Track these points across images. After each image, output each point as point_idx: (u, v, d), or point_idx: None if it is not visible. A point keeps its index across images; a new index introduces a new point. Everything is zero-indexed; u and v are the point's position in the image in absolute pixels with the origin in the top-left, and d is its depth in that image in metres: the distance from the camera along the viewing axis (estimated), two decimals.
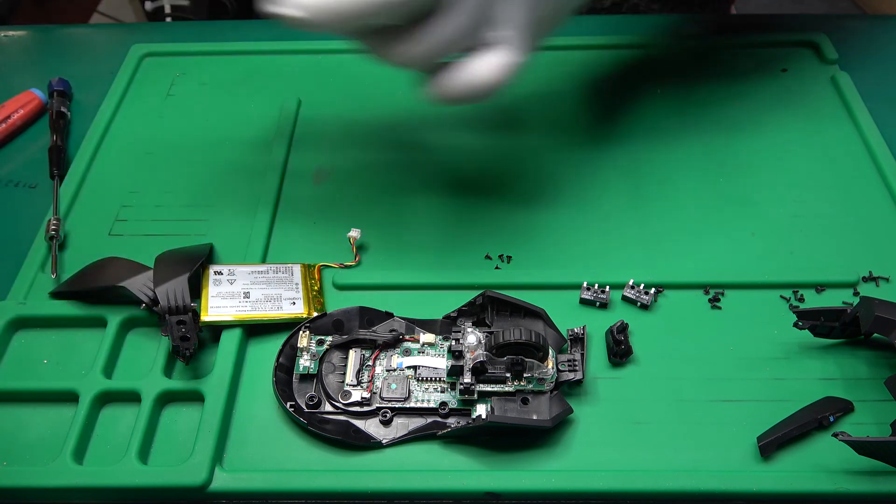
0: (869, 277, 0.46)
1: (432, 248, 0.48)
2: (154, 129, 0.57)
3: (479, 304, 0.43)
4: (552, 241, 0.49)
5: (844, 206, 0.50)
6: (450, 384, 0.41)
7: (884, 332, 0.39)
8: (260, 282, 0.45)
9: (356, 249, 0.48)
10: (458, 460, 0.39)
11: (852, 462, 0.38)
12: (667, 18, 0.66)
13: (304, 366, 0.41)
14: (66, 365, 0.43)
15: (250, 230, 0.49)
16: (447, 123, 0.56)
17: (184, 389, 0.41)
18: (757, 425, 0.39)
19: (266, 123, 0.57)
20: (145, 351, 0.44)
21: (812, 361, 0.43)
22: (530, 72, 0.59)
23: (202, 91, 0.60)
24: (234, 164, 0.54)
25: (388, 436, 0.40)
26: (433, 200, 0.51)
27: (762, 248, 0.48)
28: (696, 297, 0.46)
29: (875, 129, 0.54)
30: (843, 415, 0.40)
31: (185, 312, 0.41)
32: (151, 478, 0.38)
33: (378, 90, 0.59)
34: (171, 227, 0.50)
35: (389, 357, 0.42)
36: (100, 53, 0.65)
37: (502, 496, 0.38)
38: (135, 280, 0.43)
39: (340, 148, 0.55)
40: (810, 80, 0.59)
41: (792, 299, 0.45)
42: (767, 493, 0.37)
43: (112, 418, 0.41)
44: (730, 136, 0.55)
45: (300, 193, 0.52)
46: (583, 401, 0.41)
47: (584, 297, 0.45)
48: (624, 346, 0.42)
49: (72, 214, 0.51)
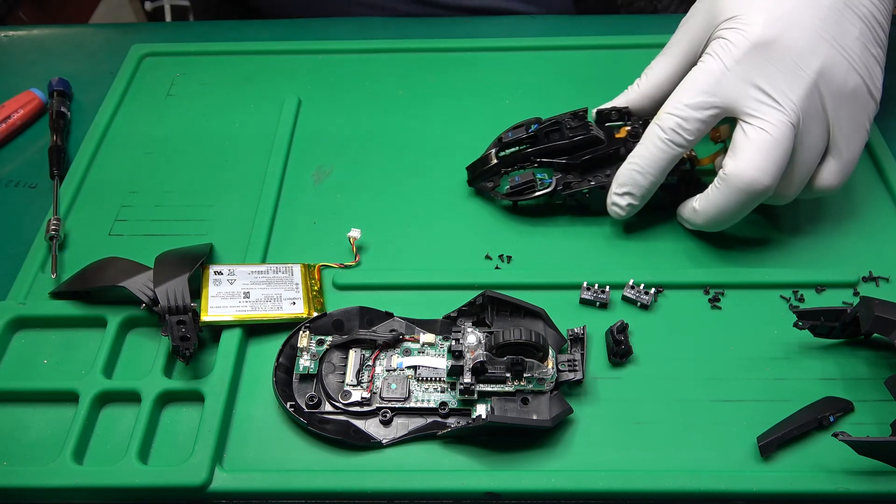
0: (869, 277, 0.46)
1: (432, 248, 0.48)
2: (154, 129, 0.57)
3: (479, 304, 0.43)
4: (552, 241, 0.49)
5: (844, 206, 0.50)
6: (450, 384, 0.41)
7: (884, 332, 0.39)
8: (260, 282, 0.45)
9: (356, 249, 0.48)
10: (458, 460, 0.39)
11: (852, 462, 0.38)
12: (667, 18, 0.66)
13: (304, 366, 0.41)
14: (66, 365, 0.43)
15: (250, 230, 0.49)
16: (447, 123, 0.56)
17: (184, 389, 0.41)
18: (757, 425, 0.39)
19: (266, 123, 0.57)
20: (145, 351, 0.44)
21: (812, 361, 0.43)
22: (531, 71, 0.60)
23: (202, 91, 0.60)
24: (234, 164, 0.54)
25: (388, 436, 0.40)
26: (433, 200, 0.51)
27: (762, 248, 0.48)
28: (696, 297, 0.46)
29: (875, 129, 0.54)
30: (843, 415, 0.40)
31: (185, 312, 0.41)
32: (151, 478, 0.38)
33: (378, 90, 0.59)
34: (171, 227, 0.50)
35: (389, 357, 0.42)
36: (100, 53, 0.65)
37: (502, 496, 0.38)
38: (135, 280, 0.43)
39: (340, 148, 0.55)
40: None
41: (792, 299, 0.45)
42: (767, 493, 0.37)
43: (112, 418, 0.41)
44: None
45: (300, 193, 0.52)
46: (583, 401, 0.41)
47: (584, 297, 0.45)
48: (624, 346, 0.42)
49: (72, 214, 0.51)
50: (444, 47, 0.63)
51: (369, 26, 0.66)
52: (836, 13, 0.42)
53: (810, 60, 0.42)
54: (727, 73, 0.42)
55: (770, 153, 0.41)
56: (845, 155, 0.44)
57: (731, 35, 0.43)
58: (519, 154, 0.50)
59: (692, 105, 0.43)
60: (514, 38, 0.62)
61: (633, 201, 0.46)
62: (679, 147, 0.43)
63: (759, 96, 0.42)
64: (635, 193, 0.46)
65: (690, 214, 0.46)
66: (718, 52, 0.43)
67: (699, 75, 0.43)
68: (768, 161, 0.41)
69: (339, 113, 0.58)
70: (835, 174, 0.45)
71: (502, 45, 0.62)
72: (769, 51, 0.42)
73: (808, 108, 0.42)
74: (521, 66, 0.60)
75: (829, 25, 0.42)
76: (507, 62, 0.61)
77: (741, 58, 0.42)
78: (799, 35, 0.42)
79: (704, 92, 0.42)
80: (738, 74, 0.42)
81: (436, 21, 0.66)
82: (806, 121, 0.42)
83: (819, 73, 0.42)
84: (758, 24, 0.42)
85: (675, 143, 0.43)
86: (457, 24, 0.66)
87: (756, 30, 0.42)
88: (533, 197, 0.48)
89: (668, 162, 0.44)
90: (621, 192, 0.46)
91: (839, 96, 0.42)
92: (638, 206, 0.47)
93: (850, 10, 0.43)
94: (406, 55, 0.62)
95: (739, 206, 0.43)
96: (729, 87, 0.42)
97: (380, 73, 0.61)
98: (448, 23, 0.66)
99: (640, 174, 0.45)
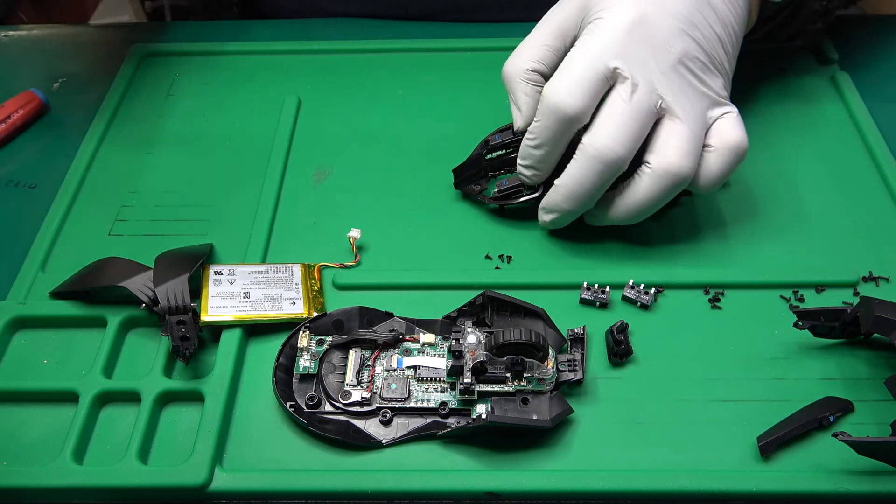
0: (869, 277, 0.46)
1: (432, 248, 0.48)
2: (154, 129, 0.57)
3: (479, 304, 0.43)
4: (552, 241, 0.49)
5: (844, 206, 0.50)
6: (450, 384, 0.41)
7: (884, 332, 0.39)
8: (260, 282, 0.45)
9: (356, 249, 0.48)
10: (458, 460, 0.39)
11: (852, 462, 0.38)
12: None
13: (304, 366, 0.41)
14: (66, 365, 0.43)
15: (250, 230, 0.49)
16: (447, 123, 0.57)
17: (184, 389, 0.41)
18: (757, 425, 0.39)
19: (266, 123, 0.57)
20: (145, 351, 0.44)
21: (812, 361, 0.43)
22: None
23: (202, 91, 0.60)
24: (234, 164, 0.54)
25: (388, 436, 0.40)
26: (433, 200, 0.51)
27: (762, 248, 0.48)
28: (696, 297, 0.46)
29: (875, 129, 0.55)
30: (843, 415, 0.40)
31: (185, 312, 0.41)
32: (151, 478, 0.38)
33: (378, 90, 0.60)
34: (171, 227, 0.50)
35: (389, 357, 0.42)
36: (100, 53, 0.65)
37: (502, 496, 0.38)
38: (135, 280, 0.43)
39: (340, 148, 0.55)
40: (810, 80, 0.59)
41: (792, 299, 0.45)
42: (767, 493, 0.37)
43: (112, 418, 0.41)
44: None
45: (300, 193, 0.52)
46: (583, 401, 0.41)
47: (584, 297, 0.45)
48: (624, 346, 0.42)
49: (72, 214, 0.51)
50: (444, 47, 0.63)
51: (369, 26, 0.66)
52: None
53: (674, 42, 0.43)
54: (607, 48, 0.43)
55: (625, 124, 0.42)
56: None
57: (606, 15, 0.43)
58: (505, 157, 0.50)
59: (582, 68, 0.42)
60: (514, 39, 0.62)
61: (561, 221, 0.47)
62: (613, 171, 0.43)
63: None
64: (562, 215, 0.46)
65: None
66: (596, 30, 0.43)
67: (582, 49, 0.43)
68: (622, 131, 0.42)
69: (339, 113, 0.58)
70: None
71: (502, 45, 0.62)
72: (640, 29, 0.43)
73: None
74: None
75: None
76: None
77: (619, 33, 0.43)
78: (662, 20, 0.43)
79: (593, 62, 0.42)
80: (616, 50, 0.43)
81: (435, 21, 0.66)
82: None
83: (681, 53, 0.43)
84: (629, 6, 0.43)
85: (610, 168, 0.43)
86: (457, 25, 0.66)
87: (628, 10, 0.43)
88: (519, 202, 0.49)
89: (602, 188, 0.44)
90: (548, 220, 0.47)
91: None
92: (571, 219, 0.46)
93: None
94: (406, 55, 0.62)
95: (597, 178, 0.43)
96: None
97: (380, 73, 0.61)
98: (448, 23, 0.66)
99: (572, 199, 0.44)
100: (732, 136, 0.44)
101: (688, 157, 0.43)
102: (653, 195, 0.44)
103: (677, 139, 0.43)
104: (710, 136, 0.45)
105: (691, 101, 0.44)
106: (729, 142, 0.44)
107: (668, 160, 0.43)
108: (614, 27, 0.43)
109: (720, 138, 0.44)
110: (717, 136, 0.44)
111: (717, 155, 0.44)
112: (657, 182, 0.43)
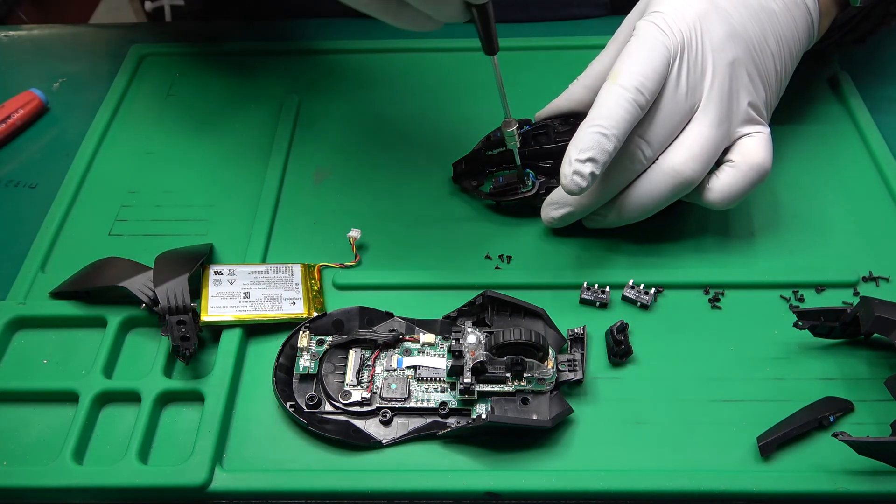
0: (869, 277, 0.46)
1: (432, 248, 0.48)
2: (154, 129, 0.57)
3: (479, 304, 0.43)
4: (552, 241, 0.49)
5: (844, 206, 0.50)
6: (450, 384, 0.41)
7: (884, 332, 0.39)
8: (260, 282, 0.45)
9: (356, 249, 0.48)
10: (458, 460, 0.39)
11: (852, 462, 0.38)
12: None
13: (304, 366, 0.41)
14: (66, 365, 0.43)
15: (250, 230, 0.49)
16: (447, 123, 0.56)
17: (184, 389, 0.41)
18: (757, 425, 0.39)
19: (266, 123, 0.57)
20: (145, 351, 0.44)
21: (812, 361, 0.43)
22: (530, 71, 0.60)
23: (202, 91, 0.60)
24: (234, 164, 0.54)
25: (388, 436, 0.40)
26: (433, 200, 0.51)
27: (762, 248, 0.48)
28: (696, 297, 0.46)
29: (875, 129, 0.54)
30: (843, 415, 0.40)
31: (185, 312, 0.41)
32: (151, 478, 0.38)
33: (378, 90, 0.59)
34: (171, 227, 0.50)
35: (389, 357, 0.42)
36: (100, 53, 0.65)
37: (502, 496, 0.38)
38: (135, 280, 0.43)
39: (340, 148, 0.55)
40: (810, 80, 0.59)
41: (792, 299, 0.45)
42: (767, 493, 0.37)
43: (112, 418, 0.41)
44: None
45: (300, 193, 0.52)
46: (583, 401, 0.41)
47: (584, 297, 0.45)
48: (624, 346, 0.42)
49: (72, 214, 0.51)
50: (444, 47, 0.63)
51: (369, 26, 0.66)
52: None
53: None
54: (666, 31, 0.43)
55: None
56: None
57: (663, 7, 0.44)
58: (505, 154, 0.50)
59: (647, 59, 0.42)
60: (514, 39, 0.62)
61: (595, 169, 0.41)
62: (641, 108, 0.42)
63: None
64: (599, 160, 0.41)
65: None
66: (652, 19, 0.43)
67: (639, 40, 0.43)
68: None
69: (339, 113, 0.58)
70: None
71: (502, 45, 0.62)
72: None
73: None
74: (522, 66, 0.60)
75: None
76: (508, 62, 0.61)
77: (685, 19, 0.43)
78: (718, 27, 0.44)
79: (654, 46, 0.42)
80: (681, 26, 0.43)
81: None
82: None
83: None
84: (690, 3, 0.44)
85: (638, 103, 0.42)
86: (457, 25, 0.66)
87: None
88: (515, 198, 0.49)
89: (631, 123, 0.42)
90: (584, 158, 0.41)
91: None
92: (598, 176, 0.41)
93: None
94: (406, 55, 0.62)
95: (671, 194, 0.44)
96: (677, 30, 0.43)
97: (380, 73, 0.61)
98: (448, 23, 0.66)
99: (605, 136, 0.41)
100: (756, 155, 0.44)
101: (696, 161, 0.43)
102: (655, 191, 0.44)
103: (691, 141, 0.43)
104: (734, 152, 0.44)
105: (724, 110, 0.43)
106: (751, 160, 0.44)
107: (675, 159, 0.43)
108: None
109: (743, 156, 0.44)
110: (741, 152, 0.44)
111: (737, 171, 0.44)
112: (660, 178, 0.43)
